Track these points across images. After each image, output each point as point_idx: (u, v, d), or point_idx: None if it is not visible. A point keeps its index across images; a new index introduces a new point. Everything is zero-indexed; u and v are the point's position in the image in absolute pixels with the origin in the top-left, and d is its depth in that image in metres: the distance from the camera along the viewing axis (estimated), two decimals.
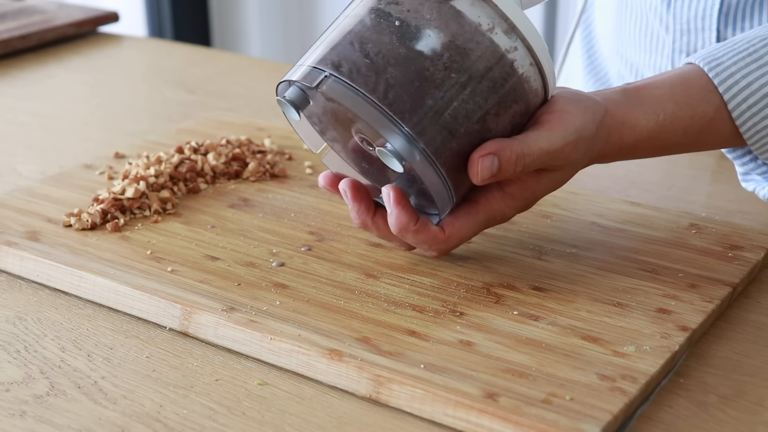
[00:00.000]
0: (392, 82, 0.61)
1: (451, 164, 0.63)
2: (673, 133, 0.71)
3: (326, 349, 0.60)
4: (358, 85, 0.61)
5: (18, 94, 1.15)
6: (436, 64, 0.62)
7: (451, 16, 0.62)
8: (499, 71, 0.63)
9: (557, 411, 0.54)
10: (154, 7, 2.53)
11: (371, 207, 0.68)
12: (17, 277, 0.72)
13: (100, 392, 0.60)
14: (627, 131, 0.69)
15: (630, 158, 0.73)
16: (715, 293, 0.66)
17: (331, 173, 0.69)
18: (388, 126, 0.61)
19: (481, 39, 0.62)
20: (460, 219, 0.67)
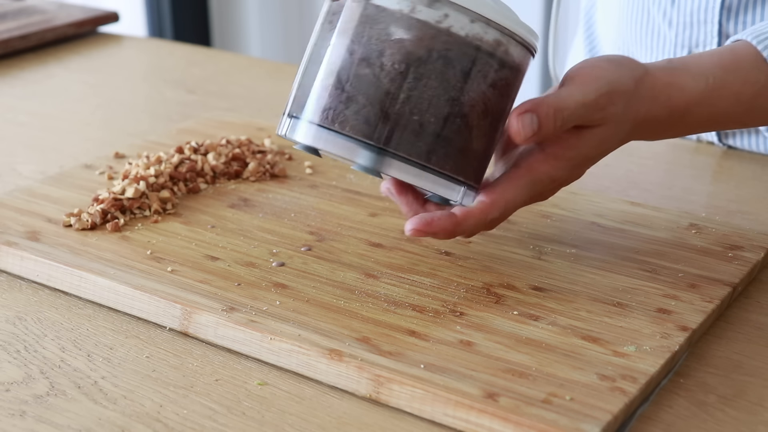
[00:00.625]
0: (345, 108, 0.62)
1: (444, 152, 0.62)
2: (725, 99, 0.69)
3: (326, 349, 0.60)
4: (325, 124, 0.63)
5: (18, 94, 1.15)
6: (374, 66, 0.61)
7: (376, 13, 0.61)
8: (439, 45, 0.61)
9: (557, 411, 0.54)
10: (154, 7, 2.53)
11: (418, 197, 0.67)
12: (17, 277, 0.72)
13: (100, 392, 0.60)
14: (675, 92, 0.67)
15: (681, 129, 0.70)
16: (715, 293, 0.66)
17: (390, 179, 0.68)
18: (353, 149, 0.62)
19: (408, 23, 0.61)
20: (502, 183, 0.65)
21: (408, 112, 0.61)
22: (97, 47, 1.32)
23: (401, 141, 0.62)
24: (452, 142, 0.62)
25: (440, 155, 0.62)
